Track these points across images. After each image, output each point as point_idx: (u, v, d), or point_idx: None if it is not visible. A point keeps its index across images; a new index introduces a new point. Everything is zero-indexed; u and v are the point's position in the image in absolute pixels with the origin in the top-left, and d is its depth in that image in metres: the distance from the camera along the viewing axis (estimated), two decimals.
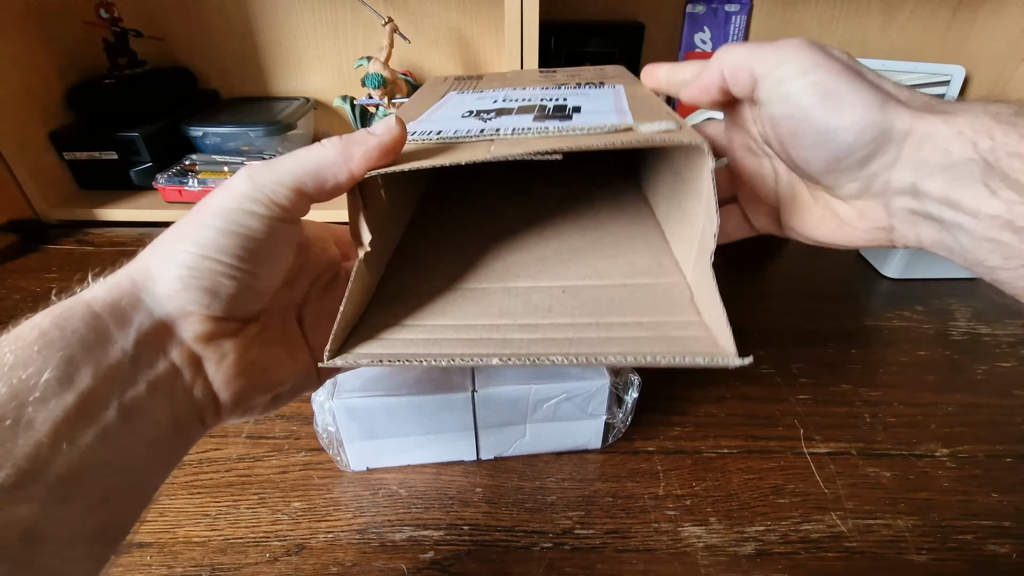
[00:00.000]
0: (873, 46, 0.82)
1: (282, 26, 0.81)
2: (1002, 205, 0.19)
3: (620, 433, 0.36)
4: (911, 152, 0.21)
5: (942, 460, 0.37)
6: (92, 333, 0.18)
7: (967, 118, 0.20)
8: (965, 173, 0.20)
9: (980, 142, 0.20)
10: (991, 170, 0.20)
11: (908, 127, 0.21)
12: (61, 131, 0.71)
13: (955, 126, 0.20)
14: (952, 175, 0.20)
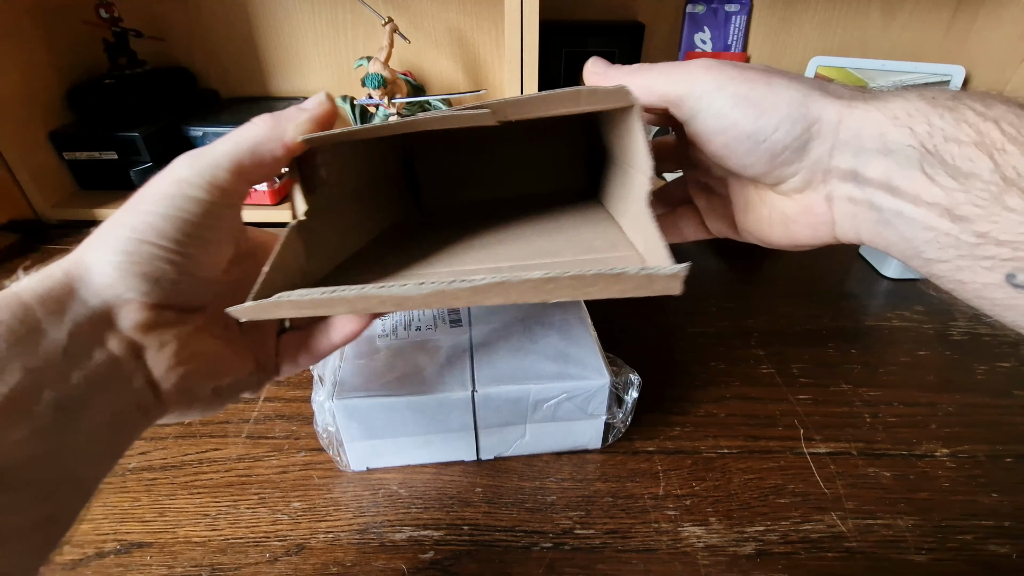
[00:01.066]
0: (873, 46, 0.82)
1: (282, 26, 0.81)
2: (940, 192, 0.19)
3: (620, 433, 0.36)
4: (848, 137, 0.21)
5: (942, 460, 0.37)
6: (21, 326, 0.17)
7: (901, 103, 0.20)
8: (903, 159, 0.20)
9: (916, 127, 0.20)
10: (928, 155, 0.19)
11: (838, 116, 0.21)
12: (61, 131, 0.71)
13: (889, 111, 0.20)
14: (891, 160, 0.20)
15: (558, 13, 0.80)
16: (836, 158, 0.22)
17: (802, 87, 0.22)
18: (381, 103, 0.71)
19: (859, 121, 0.21)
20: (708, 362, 0.45)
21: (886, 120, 0.20)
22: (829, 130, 0.21)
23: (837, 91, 0.22)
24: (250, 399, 0.41)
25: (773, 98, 0.22)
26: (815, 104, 0.21)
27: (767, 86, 0.22)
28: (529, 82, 0.59)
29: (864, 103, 0.21)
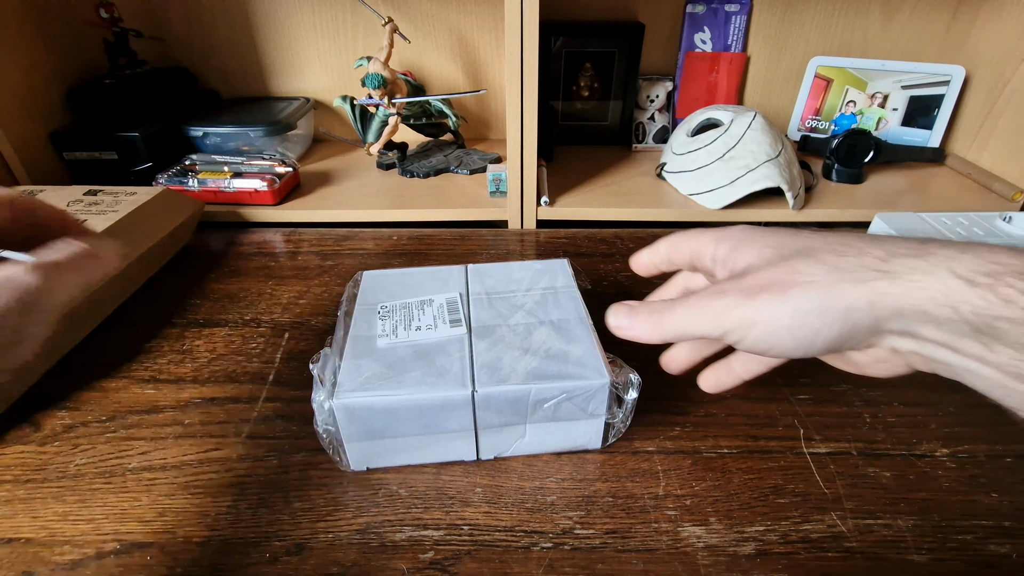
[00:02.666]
0: (873, 46, 0.82)
1: (282, 26, 0.81)
2: (1005, 359, 0.19)
3: (620, 433, 0.36)
4: (890, 315, 0.21)
5: (942, 460, 0.37)
6: None
7: (935, 283, 0.20)
8: (955, 329, 0.20)
9: (960, 307, 0.19)
10: (980, 332, 0.19)
11: (870, 302, 0.21)
12: (61, 131, 0.71)
13: (925, 293, 0.20)
14: (943, 330, 0.20)
15: (558, 13, 0.80)
16: (887, 325, 0.21)
17: (823, 277, 0.22)
18: (381, 103, 0.71)
19: (893, 303, 0.21)
20: (708, 361, 0.45)
21: (925, 300, 0.20)
22: (858, 317, 0.21)
23: (862, 265, 0.21)
24: (249, 399, 0.41)
25: (816, 324, 0.22)
26: (836, 298, 0.21)
27: (803, 313, 0.22)
28: (529, 82, 0.59)
29: (890, 281, 0.21)
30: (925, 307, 0.20)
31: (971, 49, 0.79)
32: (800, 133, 0.87)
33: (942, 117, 0.81)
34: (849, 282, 0.21)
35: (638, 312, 0.26)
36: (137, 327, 0.49)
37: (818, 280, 0.21)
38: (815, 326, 0.22)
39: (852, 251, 0.22)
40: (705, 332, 0.24)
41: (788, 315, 0.22)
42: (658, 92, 0.85)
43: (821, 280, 0.21)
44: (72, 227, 0.27)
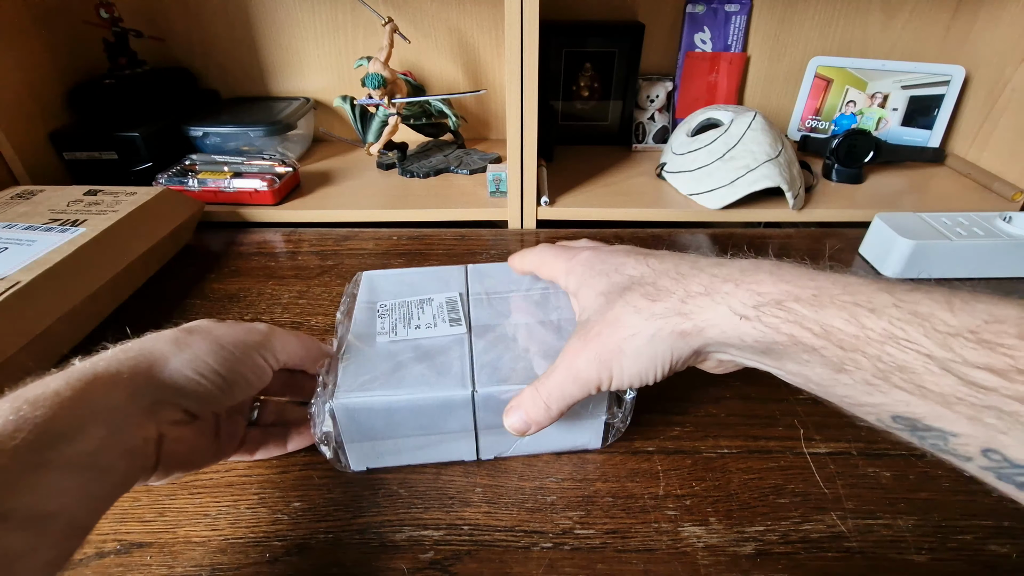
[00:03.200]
0: (873, 46, 0.82)
1: (282, 26, 0.81)
2: (793, 369, 0.24)
3: (619, 433, 0.36)
4: (696, 345, 0.26)
5: (942, 460, 0.37)
6: (114, 400, 0.23)
7: (721, 320, 0.24)
8: (748, 350, 0.25)
9: (744, 337, 0.24)
10: (764, 353, 0.24)
11: (677, 336, 0.26)
12: (61, 131, 0.71)
13: (717, 326, 0.24)
14: (741, 350, 0.25)
15: (558, 13, 0.80)
16: (704, 349, 0.26)
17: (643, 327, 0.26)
18: (381, 103, 0.71)
19: (696, 335, 0.25)
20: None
21: (718, 334, 0.24)
22: (681, 351, 0.26)
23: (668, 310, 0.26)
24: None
25: (652, 362, 0.27)
26: (658, 342, 0.26)
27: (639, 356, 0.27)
28: (529, 82, 0.59)
29: (690, 320, 0.25)
30: (719, 339, 0.24)
31: (971, 49, 0.79)
32: (800, 133, 0.87)
33: (942, 117, 0.81)
34: (661, 328, 0.26)
35: (524, 405, 0.30)
36: (137, 327, 0.49)
37: (639, 331, 0.26)
38: (653, 364, 0.26)
39: (661, 293, 0.26)
40: (583, 394, 0.28)
41: (630, 361, 0.27)
42: (658, 92, 0.85)
43: (641, 330, 0.26)
44: None
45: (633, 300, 0.27)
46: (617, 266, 0.30)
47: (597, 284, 0.29)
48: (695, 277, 0.26)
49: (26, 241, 0.49)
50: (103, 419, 0.23)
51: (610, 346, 0.27)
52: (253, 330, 0.30)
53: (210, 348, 0.28)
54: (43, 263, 0.45)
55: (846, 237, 0.64)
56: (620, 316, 0.27)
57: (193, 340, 0.27)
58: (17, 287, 0.42)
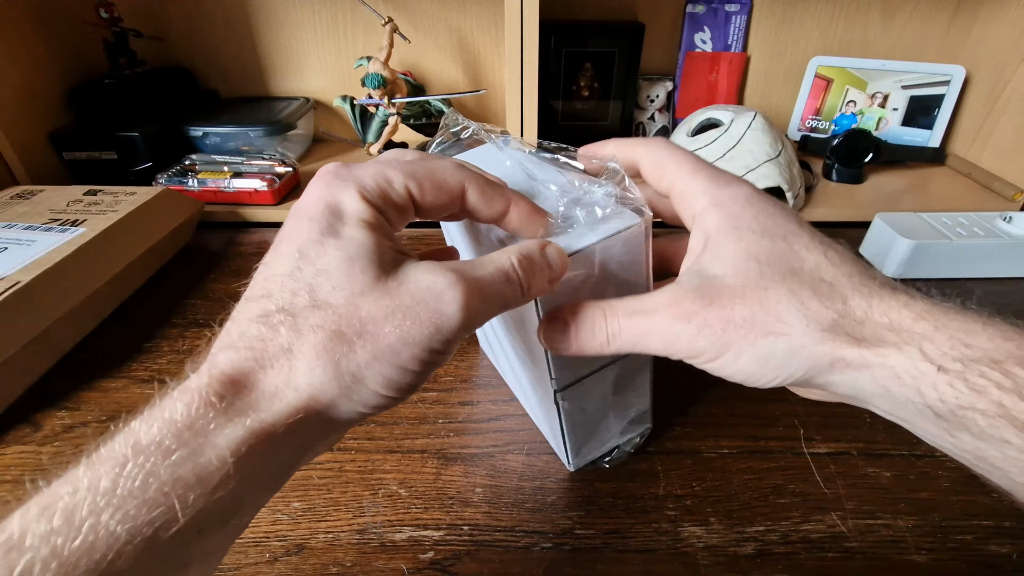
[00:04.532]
0: (873, 46, 0.82)
1: (282, 26, 0.81)
2: (964, 444, 0.18)
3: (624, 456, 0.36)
4: (841, 380, 0.21)
5: (942, 460, 0.37)
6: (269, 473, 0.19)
7: (903, 362, 0.19)
8: (912, 409, 0.19)
9: (925, 392, 0.18)
10: (942, 418, 0.18)
11: (830, 362, 0.20)
12: (61, 131, 0.71)
13: (889, 369, 0.19)
14: (897, 405, 0.19)
15: (558, 13, 0.80)
16: (837, 385, 0.21)
17: (799, 329, 0.20)
18: (381, 103, 0.71)
19: (853, 376, 0.20)
20: None
21: (888, 379, 0.19)
22: (819, 376, 0.21)
23: (838, 324, 0.20)
24: None
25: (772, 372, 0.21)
26: (805, 355, 0.20)
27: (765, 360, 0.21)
28: (529, 82, 0.59)
29: (859, 350, 0.19)
30: (886, 384, 0.19)
31: (971, 49, 0.79)
32: (800, 133, 0.87)
33: (942, 117, 0.81)
34: (819, 342, 0.20)
35: (579, 321, 0.23)
36: (137, 327, 0.49)
37: (792, 334, 0.20)
38: (776, 373, 0.21)
39: (836, 298, 0.21)
40: (662, 354, 0.23)
41: (757, 358, 0.21)
42: (658, 92, 0.85)
43: (795, 334, 0.20)
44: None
45: (800, 292, 0.21)
46: (787, 233, 0.22)
47: (754, 243, 0.22)
48: (883, 299, 0.20)
49: (26, 241, 0.49)
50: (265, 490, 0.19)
51: (742, 330, 0.21)
52: (441, 328, 0.19)
53: (389, 380, 0.19)
54: (43, 263, 0.45)
55: (846, 237, 0.64)
56: (775, 304, 0.21)
57: (362, 369, 0.18)
58: (17, 287, 0.42)
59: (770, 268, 0.21)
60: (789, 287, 0.21)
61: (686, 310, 0.22)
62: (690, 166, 0.24)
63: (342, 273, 0.19)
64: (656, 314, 0.22)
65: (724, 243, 0.22)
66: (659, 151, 0.25)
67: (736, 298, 0.21)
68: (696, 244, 0.24)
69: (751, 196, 0.23)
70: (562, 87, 0.83)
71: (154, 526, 0.15)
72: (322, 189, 0.21)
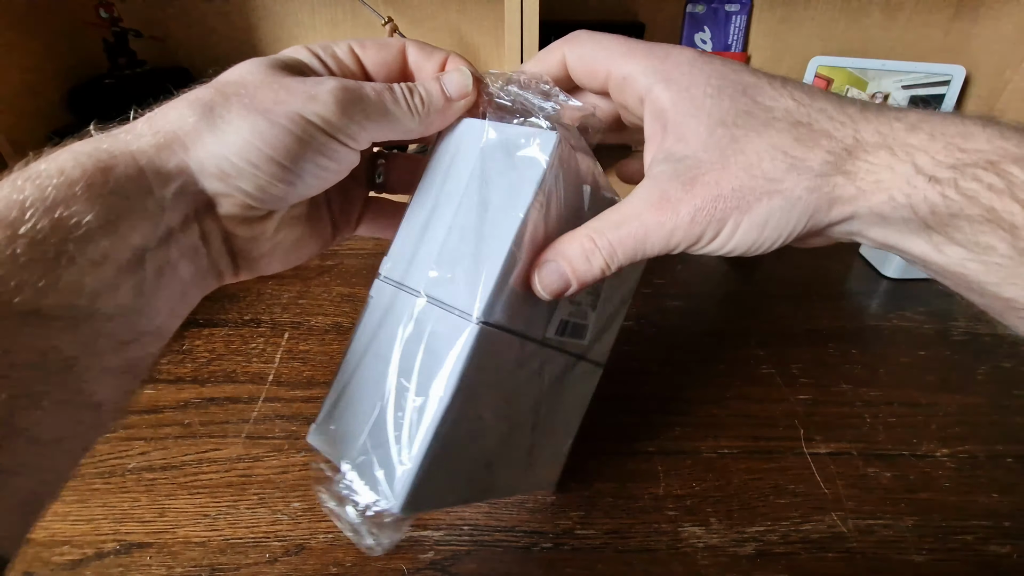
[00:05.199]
0: (873, 46, 0.82)
1: (282, 26, 0.81)
2: (950, 260, 0.18)
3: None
4: (839, 215, 0.20)
5: (942, 460, 0.37)
6: (136, 189, 0.19)
7: (897, 181, 0.18)
8: (905, 228, 0.19)
9: (917, 206, 0.18)
10: (932, 229, 0.18)
11: (828, 200, 0.20)
12: (61, 131, 0.71)
13: (884, 192, 0.19)
14: (891, 228, 0.19)
15: (558, 13, 0.80)
16: (836, 224, 0.20)
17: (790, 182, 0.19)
18: None
19: (851, 207, 0.19)
20: (708, 362, 0.45)
21: (882, 202, 0.19)
22: (820, 220, 0.20)
23: (828, 162, 0.19)
24: (249, 399, 0.41)
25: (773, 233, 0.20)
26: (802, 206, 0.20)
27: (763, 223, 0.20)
28: None
29: (854, 183, 0.19)
30: (881, 209, 0.19)
31: (971, 49, 0.79)
32: None
33: None
34: (814, 188, 0.19)
35: (567, 255, 0.22)
36: None
37: (784, 187, 0.19)
38: (778, 232, 0.20)
39: (820, 138, 0.19)
40: (661, 251, 0.22)
41: (756, 222, 0.20)
42: None
43: (787, 189, 0.19)
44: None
45: (780, 142, 0.20)
46: (746, 87, 0.21)
47: (715, 108, 0.20)
48: (868, 121, 0.19)
49: None
50: (137, 213, 0.18)
51: (733, 200, 0.20)
52: (314, 98, 0.21)
53: (255, 127, 0.20)
54: None
55: None
56: (758, 163, 0.20)
57: (231, 113, 0.20)
58: None
59: (740, 129, 0.20)
60: (768, 141, 0.20)
61: (672, 200, 0.20)
62: (621, 47, 0.23)
63: (249, 66, 0.22)
64: (643, 216, 0.21)
65: (685, 119, 0.21)
66: (582, 44, 0.24)
67: (717, 171, 0.20)
68: (654, 129, 0.22)
69: (695, 59, 0.22)
70: None
71: (26, 204, 0.16)
72: None
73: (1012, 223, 0.16)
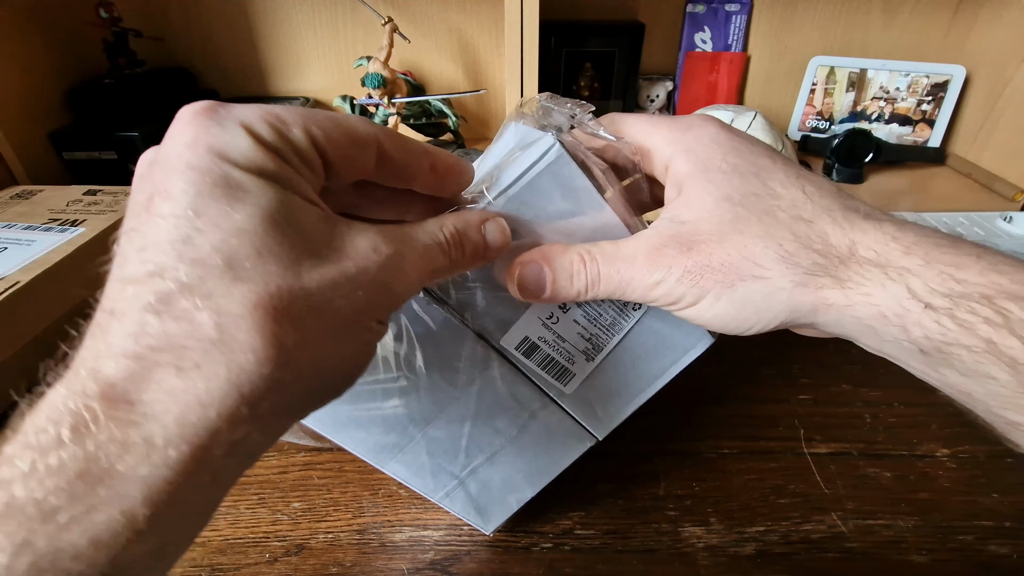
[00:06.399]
0: (874, 46, 0.82)
1: (282, 26, 0.81)
2: (950, 380, 0.18)
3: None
4: (826, 321, 0.20)
5: (942, 460, 0.37)
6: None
7: (888, 301, 0.18)
8: (898, 346, 0.19)
9: (910, 329, 0.18)
10: (927, 355, 0.18)
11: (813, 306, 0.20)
12: (61, 131, 0.71)
13: (874, 307, 0.18)
14: (884, 342, 0.19)
15: (558, 13, 0.80)
16: (823, 326, 0.21)
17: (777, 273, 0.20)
18: (381, 103, 0.71)
19: (837, 316, 0.19)
20: (708, 362, 0.45)
21: (872, 317, 0.19)
22: (802, 318, 0.20)
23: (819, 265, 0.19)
24: None
25: (753, 318, 0.21)
26: (784, 299, 0.20)
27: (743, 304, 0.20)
28: (529, 82, 0.59)
29: (843, 291, 0.19)
30: (872, 323, 0.19)
31: (971, 49, 0.79)
32: (800, 133, 0.87)
33: (942, 117, 0.81)
34: (800, 285, 0.19)
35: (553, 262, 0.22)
36: None
37: (770, 277, 0.20)
38: (757, 318, 0.21)
39: (815, 236, 0.20)
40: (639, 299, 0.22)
41: (735, 303, 0.20)
42: (658, 92, 0.85)
43: (773, 278, 0.20)
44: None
45: (777, 232, 0.20)
46: (759, 170, 0.21)
47: (725, 183, 0.21)
48: (867, 232, 0.19)
49: (25, 241, 0.49)
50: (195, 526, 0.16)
51: (720, 274, 0.20)
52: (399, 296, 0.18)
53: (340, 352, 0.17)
54: (42, 263, 0.45)
55: None
56: (751, 248, 0.20)
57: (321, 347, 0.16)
58: (16, 287, 0.42)
59: (745, 209, 0.21)
60: (766, 228, 0.20)
61: (665, 257, 0.21)
62: (647, 121, 0.24)
63: (265, 234, 0.14)
64: (635, 261, 0.22)
65: (695, 188, 0.22)
66: (612, 121, 0.25)
67: (712, 242, 0.21)
68: (670, 193, 0.23)
69: (717, 135, 0.22)
70: (562, 87, 0.83)
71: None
72: (197, 130, 0.16)
73: (1012, 357, 0.16)
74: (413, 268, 0.18)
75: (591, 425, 0.29)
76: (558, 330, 0.26)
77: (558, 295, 0.22)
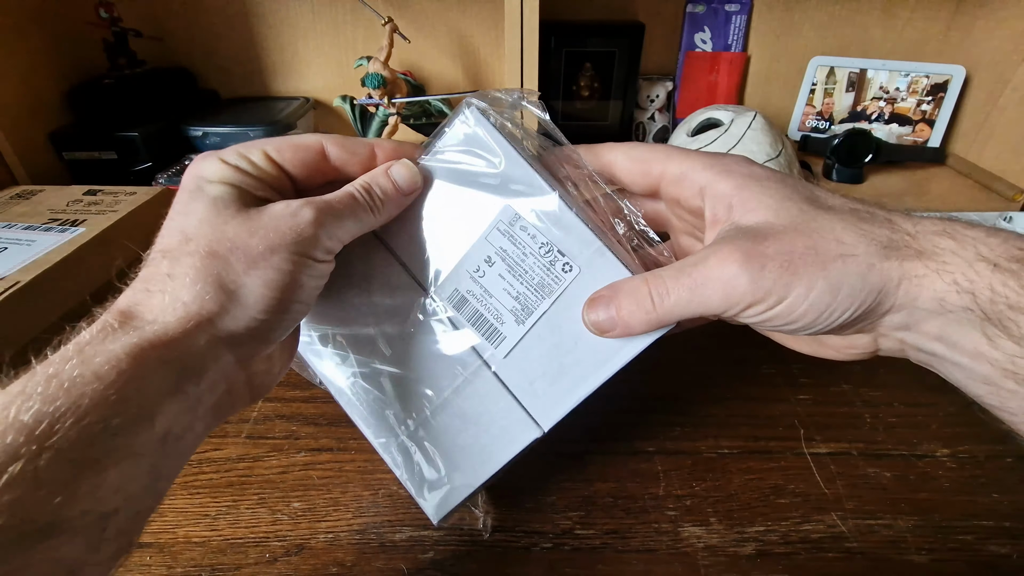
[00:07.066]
0: (873, 46, 0.82)
1: (282, 26, 0.81)
2: (1002, 355, 0.18)
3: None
4: (904, 302, 0.20)
5: (943, 460, 0.37)
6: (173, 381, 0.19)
7: (961, 266, 0.19)
8: (963, 319, 0.19)
9: (979, 293, 0.18)
10: (989, 322, 0.18)
11: (898, 283, 0.20)
12: (61, 131, 0.71)
13: (949, 275, 0.19)
14: (948, 320, 0.19)
15: (558, 13, 0.80)
16: (889, 318, 0.21)
17: (863, 248, 0.20)
18: (381, 103, 0.71)
19: (917, 290, 0.19)
20: (708, 362, 0.45)
21: (946, 287, 0.19)
22: (887, 299, 0.20)
23: (895, 240, 0.20)
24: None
25: (844, 303, 0.20)
26: (875, 276, 0.20)
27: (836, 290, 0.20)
28: (529, 82, 0.59)
29: (921, 262, 0.19)
30: (944, 295, 0.19)
31: (971, 49, 0.79)
32: (800, 133, 0.87)
33: (942, 117, 0.81)
34: (886, 259, 0.19)
35: (620, 298, 0.23)
36: None
37: (859, 254, 0.19)
38: (844, 304, 0.20)
39: (879, 220, 0.20)
40: (714, 311, 0.21)
41: (819, 289, 0.19)
42: (658, 92, 0.85)
43: (862, 253, 0.19)
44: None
45: (849, 219, 0.20)
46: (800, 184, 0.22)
47: (781, 188, 0.22)
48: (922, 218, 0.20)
49: (25, 241, 0.49)
50: (174, 403, 0.19)
51: (810, 258, 0.20)
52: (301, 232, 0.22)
53: (265, 279, 0.21)
54: (42, 263, 0.45)
55: None
56: (831, 230, 0.20)
57: (240, 276, 0.21)
58: (17, 287, 0.42)
59: (809, 205, 0.21)
60: (838, 216, 0.20)
61: (742, 251, 0.20)
62: (679, 151, 0.25)
63: (206, 211, 0.22)
64: (707, 263, 0.21)
65: (751, 197, 0.22)
66: (636, 146, 0.26)
67: (792, 233, 0.20)
68: (718, 211, 0.23)
69: (749, 161, 0.24)
70: (562, 87, 0.83)
71: (56, 415, 0.16)
72: (192, 167, 0.24)
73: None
74: (322, 214, 0.23)
75: (530, 405, 0.27)
76: (484, 284, 0.27)
77: (629, 322, 0.23)
